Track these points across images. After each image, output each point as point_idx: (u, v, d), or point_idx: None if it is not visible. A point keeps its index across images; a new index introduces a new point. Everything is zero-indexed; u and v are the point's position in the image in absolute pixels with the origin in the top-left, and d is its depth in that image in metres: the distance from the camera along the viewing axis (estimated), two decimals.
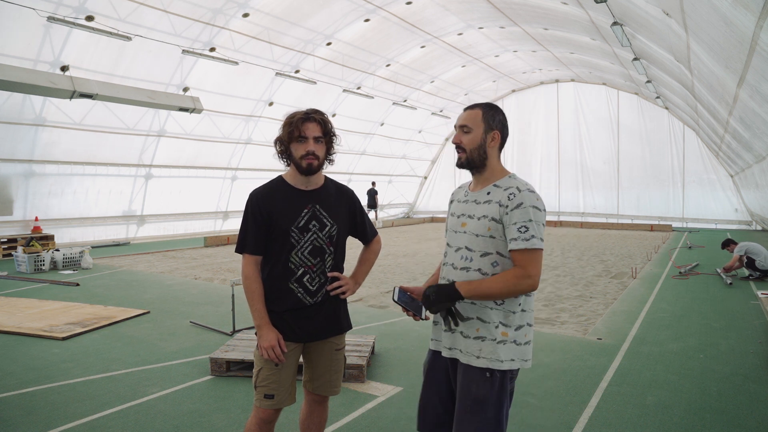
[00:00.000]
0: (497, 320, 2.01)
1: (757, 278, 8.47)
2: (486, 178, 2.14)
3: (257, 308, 2.34)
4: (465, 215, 2.13)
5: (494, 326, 2.01)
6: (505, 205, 2.00)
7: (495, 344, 2.00)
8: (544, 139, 23.73)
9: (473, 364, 2.01)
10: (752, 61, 5.24)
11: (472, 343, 2.02)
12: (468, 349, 2.03)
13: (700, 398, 3.83)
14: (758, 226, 18.73)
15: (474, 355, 2.01)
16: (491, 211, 2.03)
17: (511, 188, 2.03)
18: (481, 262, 2.04)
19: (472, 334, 2.03)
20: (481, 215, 2.06)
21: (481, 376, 2.00)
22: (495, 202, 2.04)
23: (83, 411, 3.64)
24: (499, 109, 2.18)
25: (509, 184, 2.06)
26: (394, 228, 21.48)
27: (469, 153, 2.12)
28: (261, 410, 2.37)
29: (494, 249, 2.03)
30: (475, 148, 2.11)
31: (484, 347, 2.00)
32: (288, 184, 2.42)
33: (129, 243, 14.49)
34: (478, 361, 2.00)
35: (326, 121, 2.40)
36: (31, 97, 11.20)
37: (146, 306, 6.84)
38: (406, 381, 4.20)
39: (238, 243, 2.41)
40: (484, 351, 2.00)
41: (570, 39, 15.59)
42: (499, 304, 2.01)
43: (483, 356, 2.00)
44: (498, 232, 2.02)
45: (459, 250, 2.11)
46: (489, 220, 2.03)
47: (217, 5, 11.96)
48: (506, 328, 2.01)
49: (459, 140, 2.15)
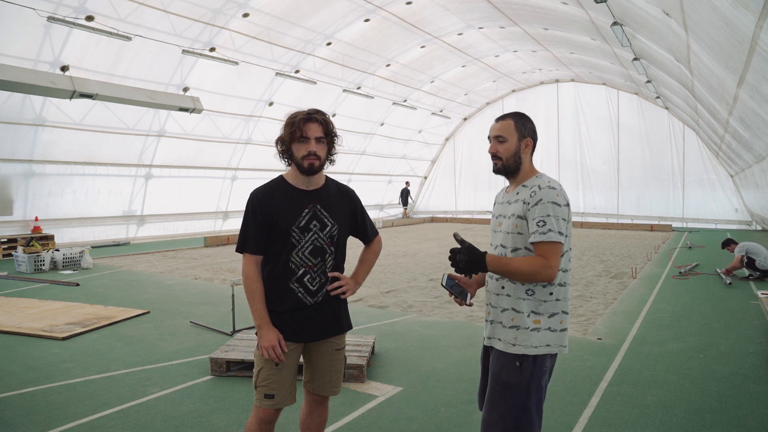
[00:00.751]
0: (528, 310, 2.16)
1: (757, 278, 8.47)
2: (519, 180, 2.30)
3: (257, 308, 2.34)
4: (501, 215, 2.33)
5: (526, 315, 2.16)
6: (527, 203, 2.17)
7: (529, 332, 2.15)
8: (544, 139, 23.65)
9: (509, 351, 2.16)
10: (752, 61, 5.24)
11: (508, 332, 2.19)
12: (505, 337, 2.19)
13: (700, 398, 3.83)
14: (758, 226, 18.73)
15: (510, 343, 2.17)
16: (518, 209, 2.20)
17: (535, 186, 2.20)
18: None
19: (508, 323, 2.20)
20: (511, 214, 2.24)
21: (511, 364, 2.15)
22: (521, 201, 2.21)
23: (83, 411, 3.65)
24: (528, 118, 2.35)
25: (534, 182, 2.22)
26: (394, 228, 21.48)
27: (505, 161, 2.28)
28: (261, 410, 2.37)
29: (522, 245, 2.19)
30: (511, 156, 2.28)
31: (519, 335, 2.16)
32: (289, 184, 2.42)
33: (129, 243, 14.49)
34: (514, 348, 2.16)
35: (328, 121, 2.40)
36: (31, 97, 11.19)
37: (146, 306, 6.84)
38: (406, 381, 4.20)
39: (238, 243, 2.41)
40: (519, 339, 2.16)
41: (570, 39, 15.59)
42: (531, 295, 2.17)
43: (518, 343, 2.16)
44: (524, 228, 2.18)
45: (496, 248, 2.30)
46: (516, 218, 2.20)
47: (217, 5, 11.96)
48: (538, 316, 2.16)
49: (495, 150, 2.30)
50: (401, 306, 7.10)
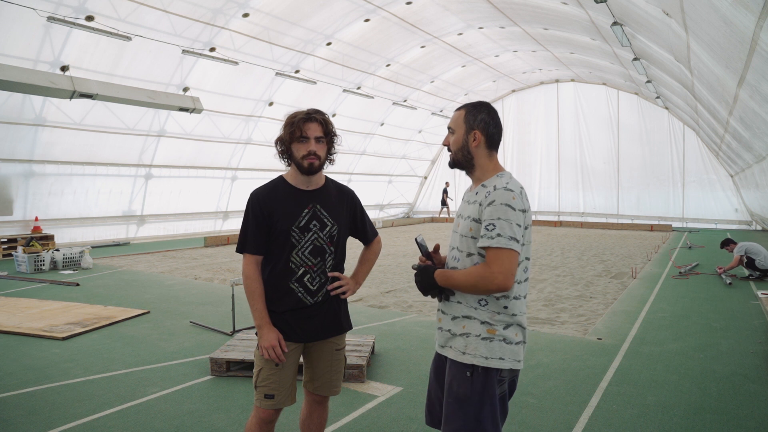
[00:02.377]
0: (482, 318, 2.03)
1: (757, 278, 8.48)
2: (478, 178, 2.13)
3: (258, 308, 2.34)
4: (460, 215, 2.16)
5: (479, 323, 2.02)
6: (481, 204, 2.01)
7: (480, 340, 2.01)
8: (544, 139, 23.73)
9: (459, 360, 2.03)
10: (752, 61, 5.24)
11: (459, 340, 2.05)
12: (456, 345, 2.06)
13: (700, 398, 3.83)
14: (758, 226, 18.73)
15: (460, 351, 2.04)
16: (473, 211, 2.04)
17: (488, 187, 2.03)
18: (466, 262, 2.06)
19: (459, 331, 2.05)
20: (467, 216, 2.08)
21: (462, 374, 2.02)
22: (476, 202, 2.05)
23: (83, 411, 3.65)
24: (483, 108, 2.12)
25: (492, 182, 2.05)
26: (394, 228, 21.48)
27: (454, 154, 2.15)
28: (261, 410, 2.38)
29: (477, 250, 2.03)
30: (459, 149, 2.12)
31: (469, 343, 2.02)
32: (289, 184, 2.43)
33: (129, 243, 14.48)
34: (464, 357, 2.02)
35: (327, 121, 2.41)
36: (31, 97, 11.19)
37: (146, 306, 6.84)
38: (406, 381, 4.20)
39: (238, 243, 2.41)
40: (469, 347, 2.02)
41: (570, 39, 15.59)
42: (483, 305, 2.02)
43: (468, 352, 2.01)
44: (478, 232, 2.01)
45: (452, 249, 2.16)
46: (471, 221, 2.05)
47: (217, 5, 11.96)
48: (492, 326, 2.01)
49: (447, 141, 2.18)
50: (401, 306, 7.10)
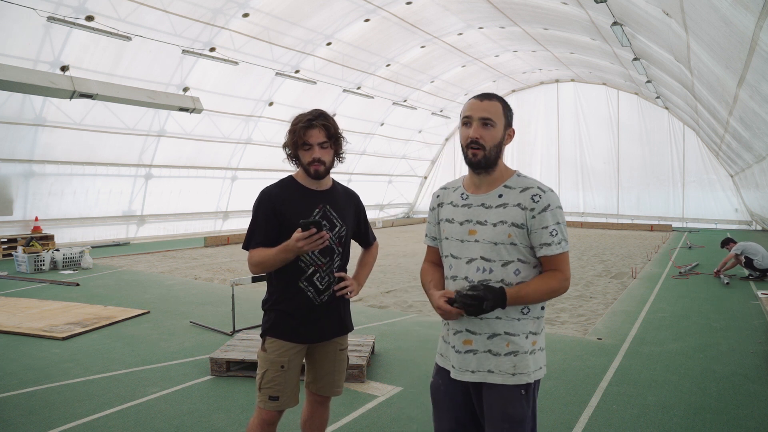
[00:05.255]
0: (527, 330, 1.87)
1: (757, 278, 8.48)
2: (494, 179, 1.91)
3: (272, 251, 2.25)
4: (473, 221, 1.90)
5: (524, 337, 1.87)
6: (530, 209, 1.82)
7: (527, 356, 1.86)
8: (544, 139, 23.73)
9: (509, 383, 1.84)
10: (752, 61, 5.24)
11: (505, 360, 1.85)
12: (500, 367, 1.85)
13: (700, 398, 3.83)
14: (758, 226, 18.73)
15: (509, 373, 1.85)
16: (511, 216, 1.83)
17: (531, 188, 1.85)
18: (502, 272, 1.85)
19: (503, 350, 1.85)
20: (498, 221, 1.85)
21: (516, 395, 1.85)
22: (514, 206, 1.84)
23: (83, 411, 3.64)
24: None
25: (525, 184, 1.88)
26: (394, 228, 21.47)
27: (488, 151, 1.84)
28: (265, 412, 2.36)
29: (516, 256, 1.85)
30: (495, 146, 1.85)
31: (518, 362, 1.85)
32: (299, 184, 2.43)
33: (129, 243, 14.48)
34: (514, 378, 1.84)
35: (329, 125, 2.36)
36: (31, 97, 11.19)
37: (146, 306, 6.84)
38: (406, 381, 4.20)
39: (246, 239, 2.38)
40: (518, 366, 1.85)
41: (570, 39, 15.59)
42: (526, 313, 1.87)
43: (518, 372, 1.85)
44: (520, 238, 1.84)
45: (472, 261, 1.88)
46: (509, 226, 1.83)
47: (217, 5, 11.96)
48: (535, 336, 1.90)
49: (479, 135, 1.82)
50: (401, 306, 7.10)
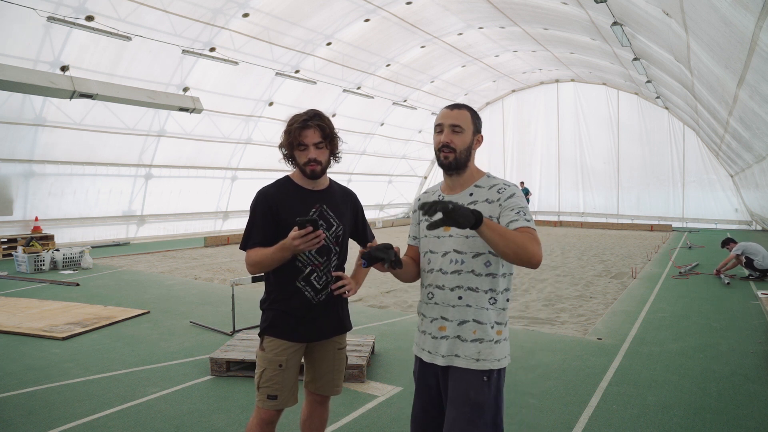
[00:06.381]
0: (492, 320, 2.01)
1: (757, 278, 8.48)
2: (465, 180, 2.11)
3: (270, 250, 2.25)
4: None
5: (490, 326, 2.00)
6: (496, 200, 2.01)
7: (492, 344, 1.99)
8: (544, 139, 23.73)
9: (472, 368, 1.98)
10: (752, 61, 5.25)
11: (470, 346, 1.99)
12: (466, 352, 1.99)
13: (700, 398, 3.83)
14: (758, 226, 18.73)
15: (473, 359, 1.98)
16: (481, 210, 1.97)
17: (498, 185, 2.06)
18: (473, 263, 2.01)
19: (470, 337, 2.00)
20: None
21: (479, 380, 1.97)
22: (483, 201, 2.03)
23: (83, 411, 3.65)
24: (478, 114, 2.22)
25: (492, 182, 2.08)
26: (394, 228, 21.48)
27: (458, 154, 2.06)
28: (263, 411, 2.37)
29: (486, 248, 1.99)
30: (465, 149, 2.07)
31: (482, 349, 1.98)
32: (296, 184, 2.43)
33: (129, 243, 14.48)
34: (478, 364, 1.98)
35: (324, 125, 2.35)
36: (31, 97, 11.19)
37: (146, 306, 6.84)
38: (406, 381, 4.20)
39: (243, 240, 2.38)
40: (483, 353, 1.98)
41: (570, 39, 15.59)
42: (493, 304, 2.01)
43: (482, 358, 1.98)
44: None
45: (446, 254, 2.05)
46: None
47: (217, 5, 11.96)
48: (500, 326, 2.03)
49: (450, 140, 2.05)
50: (401, 306, 7.10)
